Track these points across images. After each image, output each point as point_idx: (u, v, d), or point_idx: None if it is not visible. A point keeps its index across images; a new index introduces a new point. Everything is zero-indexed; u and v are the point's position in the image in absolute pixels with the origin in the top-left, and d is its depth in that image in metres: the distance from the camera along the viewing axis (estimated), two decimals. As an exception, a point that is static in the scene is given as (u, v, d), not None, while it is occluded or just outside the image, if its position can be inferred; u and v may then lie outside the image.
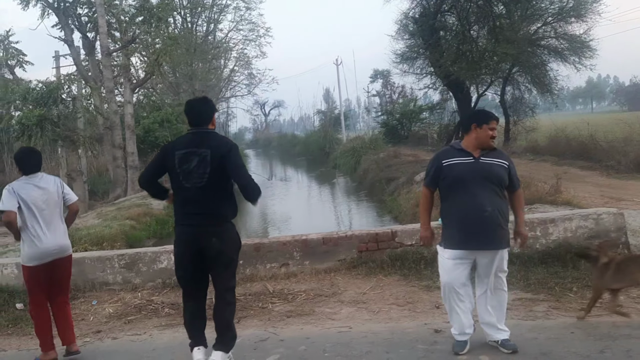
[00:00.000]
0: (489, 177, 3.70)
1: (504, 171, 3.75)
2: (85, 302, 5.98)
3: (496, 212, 3.67)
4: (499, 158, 3.79)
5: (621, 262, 4.30)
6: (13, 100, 17.58)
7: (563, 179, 9.86)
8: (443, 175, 3.79)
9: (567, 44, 20.29)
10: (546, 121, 22.51)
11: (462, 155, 3.78)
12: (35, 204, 4.19)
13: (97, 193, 21.64)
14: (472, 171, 3.70)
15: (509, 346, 3.74)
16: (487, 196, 3.65)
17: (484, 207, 3.64)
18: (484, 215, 3.63)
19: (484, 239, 3.67)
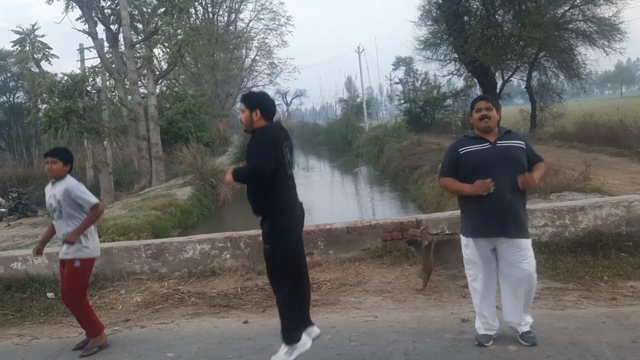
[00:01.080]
0: (508, 160, 3.61)
1: (522, 152, 3.67)
2: (113, 291, 6.09)
3: (516, 198, 3.60)
4: (514, 139, 3.72)
5: (437, 243, 5.12)
6: (40, 93, 17.90)
7: (592, 165, 9.61)
8: (461, 164, 3.72)
9: (596, 27, 19.78)
10: (574, 107, 22.01)
11: (478, 143, 3.70)
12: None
13: (122, 184, 22.00)
14: (491, 156, 3.63)
15: (529, 339, 3.67)
16: (508, 181, 3.55)
17: (504, 193, 3.55)
18: (504, 201, 3.56)
19: (504, 225, 3.57)
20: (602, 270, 5.05)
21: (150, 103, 19.87)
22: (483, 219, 3.62)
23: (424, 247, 5.08)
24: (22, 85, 32.93)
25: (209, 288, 5.87)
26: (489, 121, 3.68)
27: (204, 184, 16.53)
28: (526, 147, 3.71)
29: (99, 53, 20.75)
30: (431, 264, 5.11)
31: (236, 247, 6.28)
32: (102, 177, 18.04)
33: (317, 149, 45.19)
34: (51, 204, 4.49)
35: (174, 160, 20.33)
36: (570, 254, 5.52)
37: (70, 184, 4.49)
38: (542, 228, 5.83)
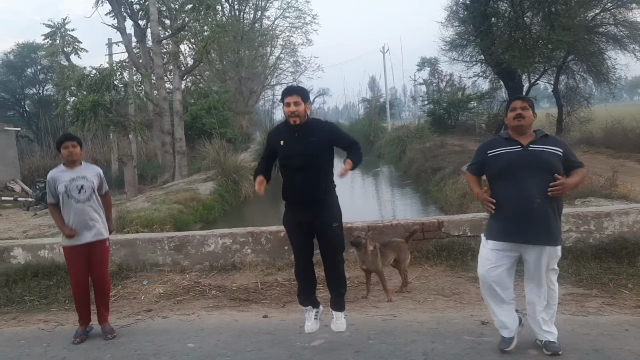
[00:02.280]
0: (540, 165, 3.46)
1: (557, 159, 3.49)
2: (136, 281, 6.20)
3: (547, 204, 3.44)
4: (552, 145, 3.54)
5: (381, 246, 5.17)
6: (68, 86, 18.22)
7: (619, 172, 9.46)
8: (487, 166, 3.67)
9: (627, 31, 19.35)
10: (602, 112, 21.60)
11: (509, 145, 3.60)
12: None
13: (146, 177, 22.31)
14: (521, 160, 3.51)
15: (551, 348, 3.58)
16: (537, 185, 3.42)
17: (533, 198, 3.42)
18: (533, 206, 3.42)
19: (531, 232, 3.45)
20: (626, 278, 4.97)
21: (175, 98, 20.11)
22: (506, 224, 3.53)
23: (371, 251, 5.06)
24: (51, 78, 33.59)
25: (230, 282, 5.94)
26: (522, 120, 3.58)
27: (226, 179, 16.67)
28: (564, 153, 3.53)
29: (126, 48, 21.08)
30: (380, 267, 5.12)
31: (257, 242, 6.34)
32: (127, 170, 18.32)
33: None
34: (81, 185, 4.50)
35: (197, 156, 20.55)
36: (595, 260, 5.45)
37: (97, 168, 4.77)
38: (566, 233, 5.76)
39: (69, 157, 4.55)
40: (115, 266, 6.34)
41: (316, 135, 3.84)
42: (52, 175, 4.58)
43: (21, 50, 35.09)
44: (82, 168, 4.63)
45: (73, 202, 4.48)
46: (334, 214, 3.92)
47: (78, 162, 4.62)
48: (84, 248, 4.52)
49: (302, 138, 3.82)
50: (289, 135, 3.88)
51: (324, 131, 3.90)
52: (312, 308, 4.06)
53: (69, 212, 4.49)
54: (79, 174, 4.56)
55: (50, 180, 4.56)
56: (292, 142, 3.85)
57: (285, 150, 3.88)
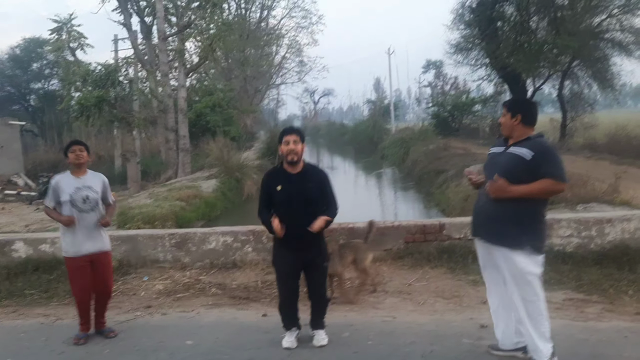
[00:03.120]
0: (498, 168, 3.45)
1: (517, 162, 3.36)
2: (136, 277, 6.20)
3: (496, 205, 3.42)
4: (524, 147, 3.39)
5: (340, 248, 5.17)
6: (74, 81, 18.30)
7: (622, 178, 9.43)
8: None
9: (633, 38, 19.36)
10: (606, 118, 21.61)
11: (500, 145, 3.62)
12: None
13: (149, 174, 22.32)
14: (492, 161, 3.60)
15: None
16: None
17: (480, 197, 3.59)
18: (478, 205, 3.61)
19: (476, 227, 3.65)
20: (627, 284, 4.96)
21: (180, 95, 20.14)
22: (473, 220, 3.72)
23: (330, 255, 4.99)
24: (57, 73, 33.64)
25: (230, 280, 5.95)
26: (502, 125, 3.59)
27: (229, 177, 16.70)
28: (534, 158, 3.32)
29: (132, 44, 21.13)
30: (340, 270, 5.12)
31: (258, 240, 6.34)
32: (130, 166, 18.37)
33: (342, 148, 45.16)
34: (87, 195, 4.42)
35: (201, 153, 20.57)
36: (595, 265, 5.44)
37: (103, 176, 4.71)
38: (567, 238, 5.76)
39: (76, 160, 4.45)
40: (116, 262, 6.33)
41: (313, 182, 3.96)
42: (58, 181, 4.48)
43: (27, 45, 35.20)
44: (88, 177, 4.54)
45: (77, 211, 4.40)
46: (324, 254, 4.14)
47: (84, 168, 4.54)
48: (86, 259, 4.44)
49: (301, 182, 3.92)
50: (286, 181, 3.93)
51: (319, 178, 4.03)
52: (295, 329, 4.18)
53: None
54: (85, 184, 4.48)
55: (55, 186, 4.45)
56: (289, 187, 3.92)
57: (282, 195, 3.92)
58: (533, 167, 3.32)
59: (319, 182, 4.00)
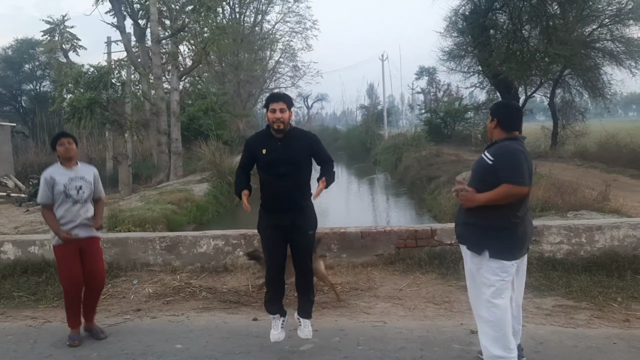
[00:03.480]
0: (473, 174, 3.56)
1: (484, 166, 3.41)
2: (126, 280, 6.17)
3: (463, 209, 3.53)
4: (489, 152, 3.44)
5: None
6: (66, 83, 18.18)
7: (612, 186, 9.50)
8: None
9: (624, 47, 19.56)
10: (596, 126, 21.75)
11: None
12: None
13: (140, 177, 22.24)
14: (473, 168, 3.65)
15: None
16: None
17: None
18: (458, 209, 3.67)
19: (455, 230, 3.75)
20: (616, 292, 4.99)
21: (172, 99, 20.09)
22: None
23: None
24: (48, 74, 33.49)
25: (221, 284, 5.93)
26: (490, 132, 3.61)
27: (221, 181, 16.66)
28: (494, 163, 3.35)
29: (125, 47, 21.05)
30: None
31: (250, 244, 6.32)
32: (121, 169, 18.26)
33: (335, 153, 44.98)
34: (80, 186, 4.44)
35: (193, 157, 20.53)
36: (585, 272, 5.46)
37: (93, 168, 4.72)
38: (557, 245, 5.79)
39: (66, 153, 4.45)
40: (106, 265, 6.27)
41: (300, 144, 3.91)
42: (51, 174, 4.43)
43: (20, 46, 35.04)
44: (80, 168, 4.55)
45: (71, 202, 4.40)
46: (311, 221, 4.01)
47: (74, 160, 4.54)
48: (76, 244, 4.42)
49: (286, 146, 3.86)
50: (271, 144, 3.89)
51: (307, 141, 3.98)
52: (280, 317, 4.08)
53: (66, 211, 4.39)
54: (78, 174, 4.49)
55: (49, 179, 4.39)
56: (275, 150, 3.87)
57: (267, 158, 3.88)
58: (495, 171, 3.32)
59: (306, 145, 3.94)
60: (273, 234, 3.93)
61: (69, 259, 4.42)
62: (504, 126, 3.47)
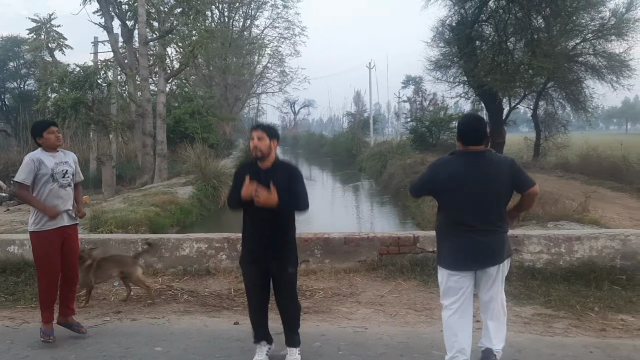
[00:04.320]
0: None
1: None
2: (107, 282, 6.10)
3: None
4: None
5: (100, 261, 5.42)
6: (51, 82, 18.00)
7: (592, 198, 9.68)
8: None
9: (606, 62, 19.90)
10: (578, 139, 22.14)
11: None
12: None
13: (124, 178, 22.05)
14: None
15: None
16: None
17: None
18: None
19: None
20: (593, 301, 5.07)
21: (159, 100, 19.98)
22: None
23: (86, 266, 5.23)
24: (33, 73, 33.10)
25: (203, 287, 5.91)
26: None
27: (205, 184, 16.58)
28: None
29: (112, 47, 20.93)
30: (91, 283, 5.37)
31: (233, 248, 6.31)
32: (105, 170, 18.09)
33: (321, 159, 45.25)
34: (65, 170, 4.47)
35: (178, 159, 20.40)
36: (564, 282, 5.55)
37: (72, 153, 4.76)
38: (537, 254, 5.87)
39: (57, 141, 4.47)
40: (87, 266, 6.25)
41: (280, 177, 3.82)
42: (36, 156, 4.38)
43: (4, 44, 34.57)
44: (61, 154, 4.57)
45: (57, 185, 4.41)
46: (292, 258, 3.96)
47: (57, 147, 4.56)
48: (60, 232, 4.41)
49: (267, 179, 3.81)
50: (254, 175, 3.85)
51: (288, 174, 3.90)
52: (266, 344, 4.04)
53: (51, 195, 4.37)
54: (62, 159, 4.52)
55: (35, 161, 4.34)
56: (257, 180, 3.84)
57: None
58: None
59: (286, 178, 3.86)
60: (255, 270, 3.93)
61: (51, 248, 4.38)
62: (461, 140, 3.64)
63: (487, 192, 3.47)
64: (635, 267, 5.70)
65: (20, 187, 4.38)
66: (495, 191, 3.49)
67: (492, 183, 3.48)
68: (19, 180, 4.36)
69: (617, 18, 18.98)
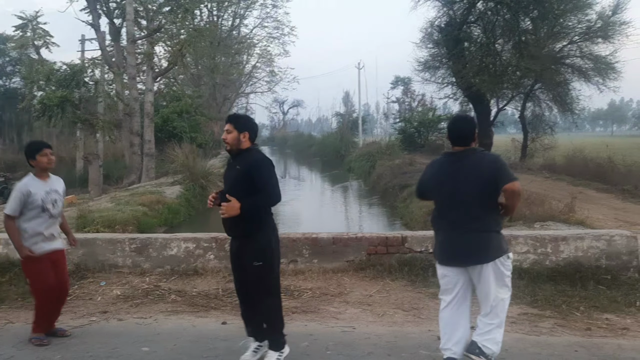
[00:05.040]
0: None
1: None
2: (93, 282, 6.06)
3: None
4: None
5: None
6: (37, 80, 17.82)
7: (578, 199, 9.77)
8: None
9: (592, 64, 20.11)
10: (564, 140, 22.35)
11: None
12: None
13: (111, 177, 21.90)
14: None
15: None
16: None
17: None
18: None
19: None
20: (579, 301, 5.12)
21: (146, 99, 19.87)
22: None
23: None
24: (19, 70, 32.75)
25: (190, 287, 5.88)
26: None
27: (193, 184, 16.51)
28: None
29: (100, 45, 20.77)
30: None
31: (221, 248, 6.29)
32: (92, 169, 17.95)
33: (309, 160, 45.26)
34: (55, 199, 4.39)
35: (166, 159, 20.29)
36: (550, 282, 5.59)
37: (62, 181, 4.65)
38: (524, 254, 5.91)
39: (49, 165, 4.38)
40: (73, 265, 6.19)
41: (240, 167, 3.77)
42: (27, 186, 4.29)
43: (-11, 41, 34.18)
44: (53, 181, 4.49)
45: (47, 216, 4.34)
46: (257, 251, 3.75)
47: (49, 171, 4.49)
48: (50, 255, 4.39)
49: (230, 170, 3.95)
50: (230, 166, 3.99)
51: (249, 164, 3.74)
52: (254, 340, 3.99)
53: (40, 224, 4.31)
54: (52, 187, 4.42)
55: (25, 192, 4.25)
56: (226, 172, 4.02)
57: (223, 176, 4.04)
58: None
59: (246, 168, 3.72)
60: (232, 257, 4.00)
61: (45, 272, 4.36)
62: (449, 140, 3.82)
63: (462, 191, 3.55)
64: (620, 267, 5.77)
65: (8, 218, 4.30)
66: (470, 191, 3.53)
67: (468, 183, 3.54)
68: (7, 212, 4.30)
69: (604, 21, 19.19)
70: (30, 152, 4.38)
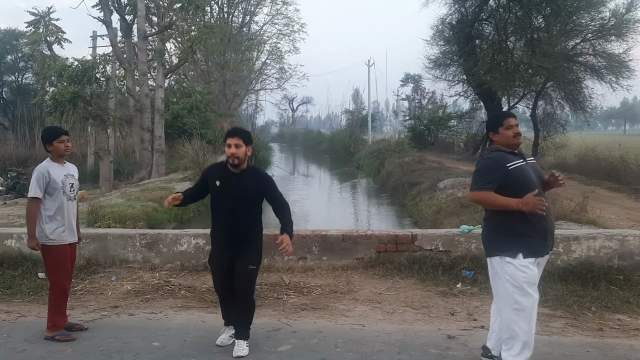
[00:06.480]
0: (541, 178, 3.61)
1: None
2: (105, 277, 6.10)
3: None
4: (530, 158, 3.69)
5: None
6: (49, 76, 17.93)
7: (590, 198, 9.68)
8: (511, 180, 3.44)
9: (605, 62, 19.94)
10: (576, 139, 22.14)
11: (517, 158, 3.54)
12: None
13: (122, 173, 21.99)
14: (532, 173, 3.52)
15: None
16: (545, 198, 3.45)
17: (549, 210, 3.51)
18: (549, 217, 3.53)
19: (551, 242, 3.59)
20: (590, 301, 5.08)
21: (157, 96, 19.92)
22: (540, 239, 3.47)
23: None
24: (31, 66, 32.97)
25: (200, 283, 5.90)
26: (520, 138, 3.61)
27: (203, 180, 16.52)
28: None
29: (111, 42, 20.83)
30: None
31: (231, 244, 6.29)
32: (103, 165, 18.06)
33: (318, 157, 45.25)
34: (72, 183, 4.47)
35: (176, 155, 20.38)
36: (561, 281, 5.55)
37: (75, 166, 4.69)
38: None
39: (66, 151, 4.45)
40: (84, 260, 6.25)
41: (252, 183, 3.99)
42: (46, 168, 4.35)
43: (3, 37, 34.41)
44: (69, 166, 4.56)
45: (65, 199, 4.40)
46: (252, 257, 4.07)
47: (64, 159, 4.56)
48: (69, 248, 4.46)
49: (238, 183, 3.97)
50: (226, 178, 4.00)
51: (260, 181, 4.06)
52: (231, 328, 4.24)
53: (61, 209, 4.36)
54: (69, 172, 4.49)
55: (45, 173, 4.30)
56: (228, 185, 4.00)
57: (219, 191, 4.05)
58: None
59: (258, 182, 4.03)
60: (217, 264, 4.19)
61: (65, 261, 4.44)
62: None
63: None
64: (633, 267, 5.71)
65: (32, 200, 4.32)
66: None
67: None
68: (30, 195, 4.34)
69: (617, 19, 19.00)
70: (48, 137, 4.45)
